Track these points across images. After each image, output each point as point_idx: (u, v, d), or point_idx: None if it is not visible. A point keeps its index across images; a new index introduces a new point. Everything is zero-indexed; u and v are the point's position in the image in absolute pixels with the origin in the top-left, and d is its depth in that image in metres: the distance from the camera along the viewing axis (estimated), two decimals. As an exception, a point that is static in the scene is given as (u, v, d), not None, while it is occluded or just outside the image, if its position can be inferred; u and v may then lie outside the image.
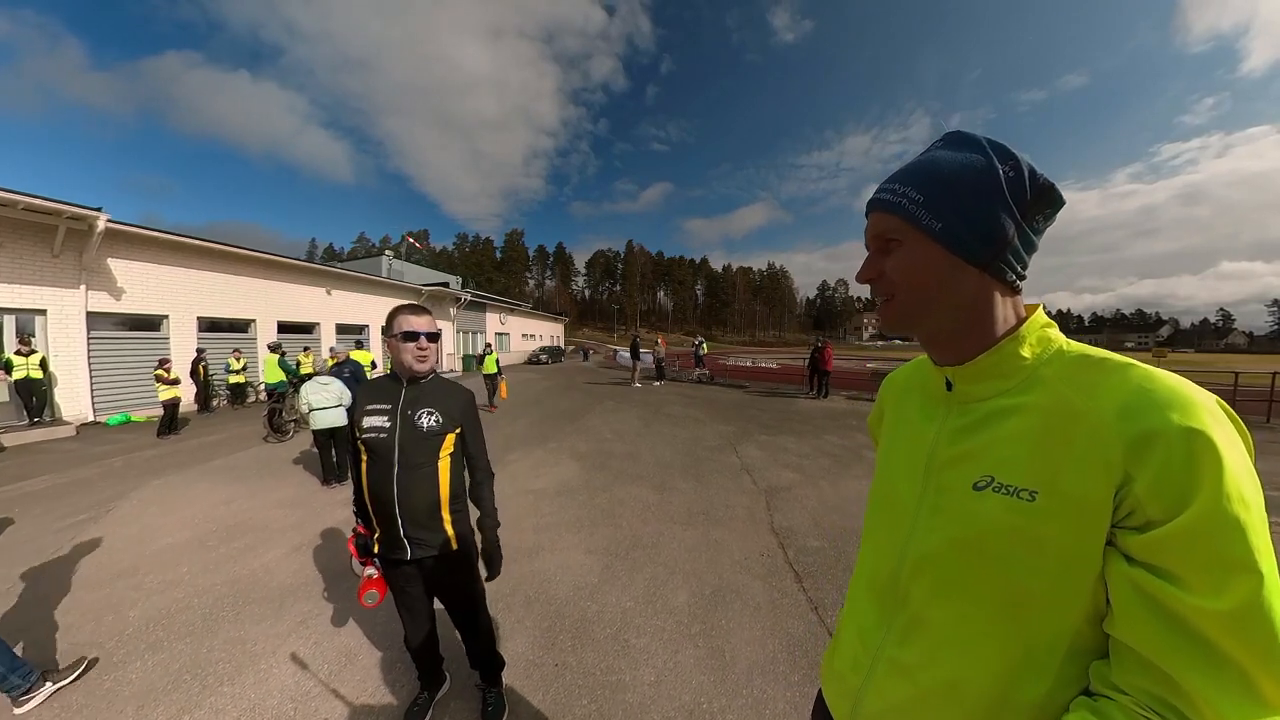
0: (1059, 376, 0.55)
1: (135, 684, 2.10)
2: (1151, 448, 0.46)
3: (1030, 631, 0.53)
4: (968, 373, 0.61)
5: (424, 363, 1.62)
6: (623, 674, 2.16)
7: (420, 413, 1.62)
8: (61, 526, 3.92)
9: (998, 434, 0.57)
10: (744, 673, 2.17)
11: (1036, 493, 0.52)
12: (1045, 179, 0.56)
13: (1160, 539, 0.45)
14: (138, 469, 5.74)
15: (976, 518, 0.56)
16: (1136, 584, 0.47)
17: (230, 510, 4.28)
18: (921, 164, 0.59)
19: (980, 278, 0.57)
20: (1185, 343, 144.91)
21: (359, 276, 16.84)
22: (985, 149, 0.56)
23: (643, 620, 2.56)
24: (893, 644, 0.64)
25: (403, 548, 1.63)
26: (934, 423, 0.66)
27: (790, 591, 2.86)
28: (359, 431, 1.62)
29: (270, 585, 2.95)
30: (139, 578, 3.05)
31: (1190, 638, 0.44)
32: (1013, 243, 0.56)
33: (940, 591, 0.59)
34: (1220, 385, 10.95)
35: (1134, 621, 0.47)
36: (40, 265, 8.31)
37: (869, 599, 0.71)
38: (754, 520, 3.99)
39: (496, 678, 1.95)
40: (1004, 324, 0.59)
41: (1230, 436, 0.46)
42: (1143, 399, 0.48)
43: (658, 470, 5.50)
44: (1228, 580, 0.43)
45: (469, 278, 67.51)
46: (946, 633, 0.58)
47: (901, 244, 0.59)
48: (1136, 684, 0.47)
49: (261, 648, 2.35)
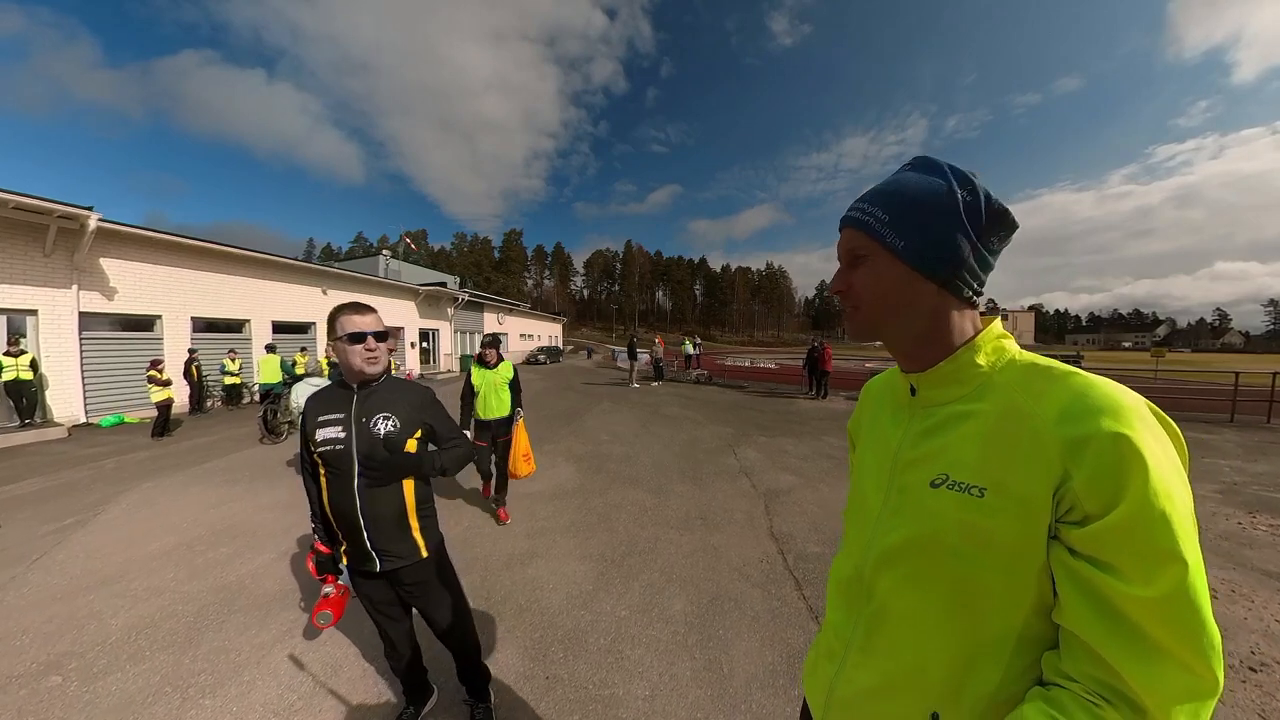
0: (1010, 383, 0.60)
1: (114, 696, 2.04)
2: (1085, 449, 0.50)
3: (983, 622, 0.57)
4: (929, 379, 0.65)
5: (375, 365, 1.54)
6: (616, 687, 2.10)
7: (376, 419, 1.53)
8: (48, 531, 3.85)
9: (953, 436, 0.61)
10: (743, 686, 2.11)
11: (985, 489, 0.56)
12: (1000, 204, 0.60)
13: (1097, 532, 0.49)
14: (129, 471, 5.67)
15: (932, 514, 0.60)
16: (1079, 575, 0.50)
17: (221, 514, 4.21)
18: (889, 186, 0.64)
19: (938, 292, 0.62)
20: (1182, 342, 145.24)
21: (355, 276, 16.77)
22: (947, 174, 0.61)
23: (638, 630, 2.50)
24: (860, 635, 0.69)
25: (371, 560, 1.56)
26: (900, 427, 0.70)
27: (790, 599, 2.80)
28: (313, 445, 1.54)
29: (257, 592, 2.88)
30: (124, 584, 2.99)
31: (1125, 624, 0.48)
32: (968, 261, 0.60)
33: (901, 585, 0.64)
34: (1221, 385, 10.94)
35: (1077, 610, 0.50)
36: (31, 265, 8.22)
37: (840, 596, 0.76)
38: (753, 525, 3.93)
39: (484, 692, 1.89)
40: (961, 335, 0.64)
41: (1158, 438, 0.51)
42: (1080, 404, 0.52)
43: (655, 473, 5.44)
44: (1158, 569, 0.47)
45: (467, 277, 67.41)
46: (907, 624, 0.63)
47: (868, 259, 0.64)
48: (1084, 671, 0.50)
49: (245, 658, 2.28)
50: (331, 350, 1.54)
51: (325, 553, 1.67)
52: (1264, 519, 4.04)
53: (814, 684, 0.78)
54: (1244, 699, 2.05)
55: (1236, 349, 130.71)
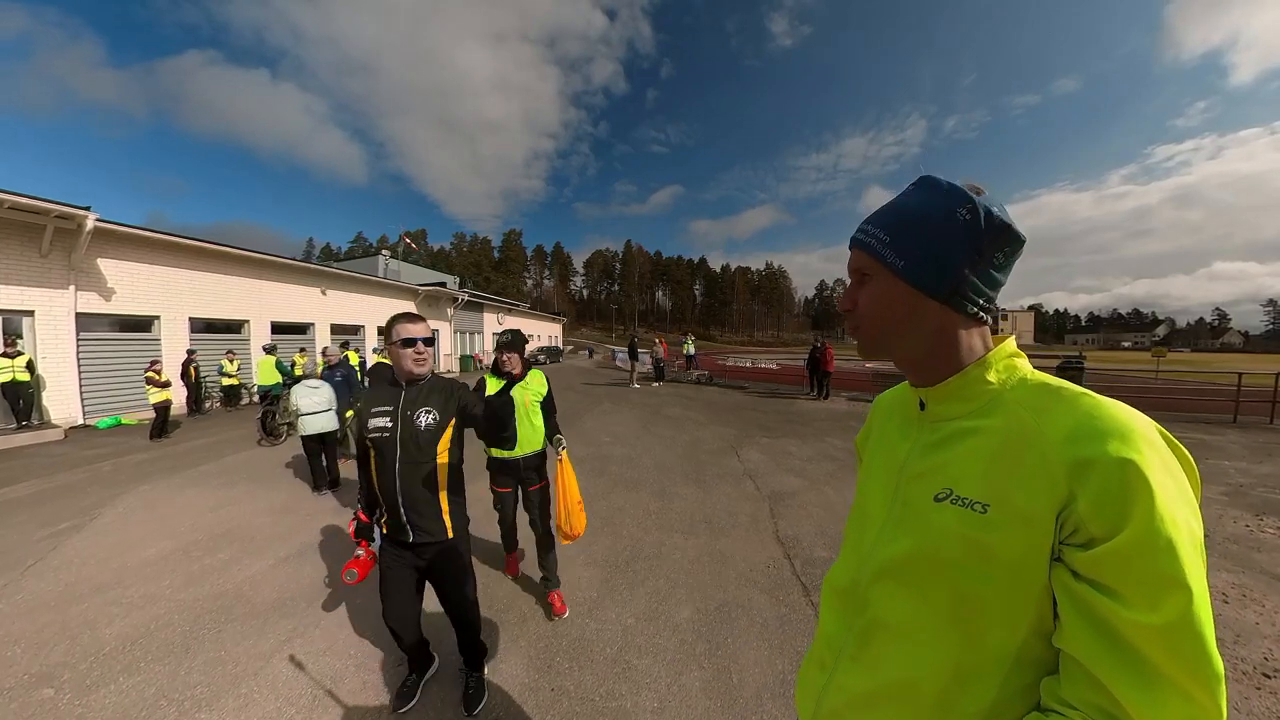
0: (1019, 402, 0.59)
1: (107, 710, 1.98)
2: (1091, 472, 0.49)
3: (979, 639, 0.56)
4: (937, 394, 0.65)
5: (422, 366, 1.82)
6: (624, 699, 2.05)
7: (419, 412, 1.81)
8: (43, 535, 3.79)
9: (959, 451, 0.61)
10: (753, 696, 2.06)
11: (989, 506, 0.55)
12: (1001, 220, 0.59)
13: (1101, 556, 0.48)
14: (126, 474, 5.61)
15: (934, 528, 0.60)
16: (1081, 598, 0.49)
17: (218, 518, 4.15)
18: (891, 207, 0.66)
19: (941, 310, 0.62)
20: (1181, 342, 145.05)
21: (355, 276, 16.68)
22: (945, 193, 0.61)
23: (644, 639, 2.45)
24: (853, 645, 0.68)
25: (405, 532, 1.81)
26: (908, 440, 0.70)
27: (798, 606, 2.75)
28: (365, 432, 1.82)
29: (255, 600, 2.83)
30: (119, 591, 2.93)
31: (1127, 651, 0.47)
32: (970, 278, 0.60)
33: (897, 596, 0.63)
34: (1222, 386, 10.91)
35: (1079, 635, 0.49)
36: (28, 265, 8.15)
37: (833, 604, 0.75)
38: (758, 528, 3.88)
39: (480, 663, 2.08)
40: (970, 352, 0.63)
41: (1166, 463, 0.50)
42: (1087, 426, 0.52)
43: (658, 475, 5.39)
44: (1162, 596, 0.46)
45: (466, 277, 67.27)
46: (901, 636, 0.62)
47: (871, 278, 0.66)
48: (1084, 698, 0.49)
49: (243, 669, 2.23)
50: (385, 353, 1.82)
51: (365, 521, 1.95)
52: (1271, 521, 3.99)
53: (804, 693, 0.77)
54: (1259, 707, 2.00)
55: (1236, 349, 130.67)
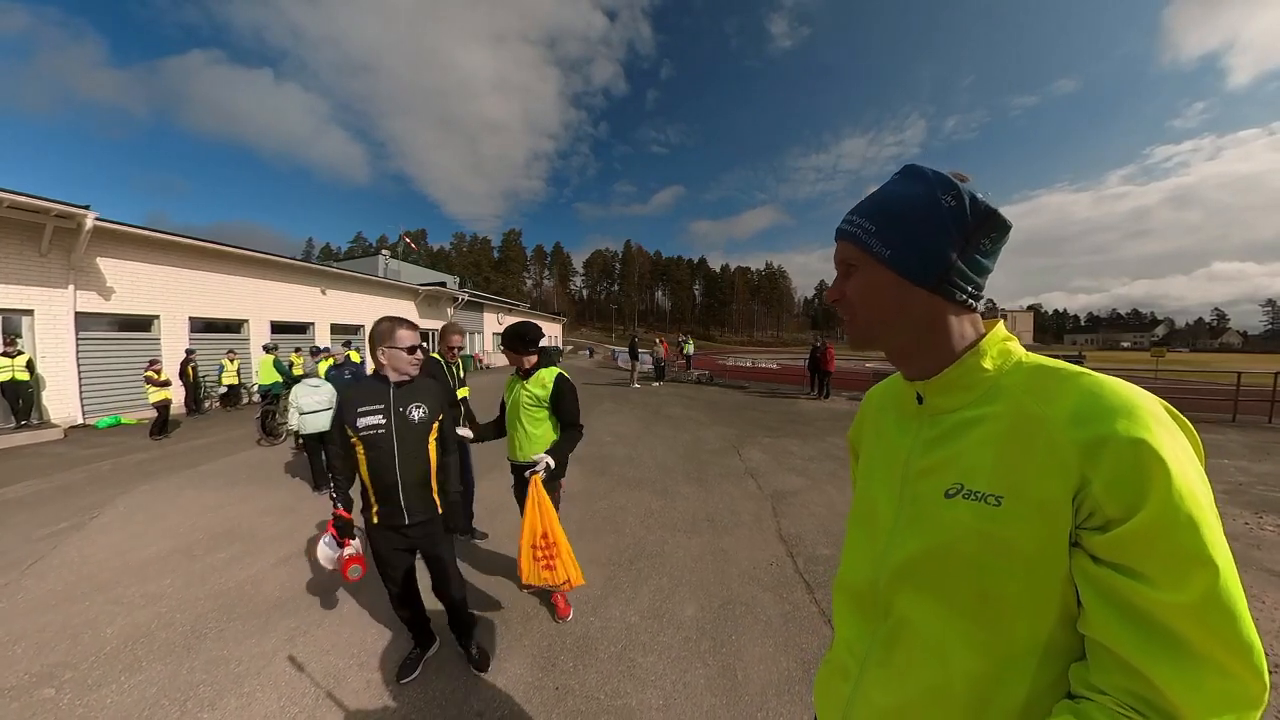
0: (1018, 386, 0.58)
1: (109, 710, 1.97)
2: (1102, 452, 0.48)
3: (1007, 635, 0.54)
4: (935, 386, 0.64)
5: (415, 368, 1.97)
6: (629, 697, 2.04)
7: (410, 408, 1.94)
8: (43, 535, 3.78)
9: (965, 443, 0.60)
10: (758, 693, 2.06)
11: (1002, 497, 0.54)
12: (986, 206, 0.59)
13: (1121, 537, 0.47)
14: (126, 473, 5.59)
15: (948, 525, 0.58)
16: (1104, 582, 0.48)
17: (219, 517, 4.14)
18: (876, 197, 0.65)
19: (929, 298, 0.61)
20: (1180, 342, 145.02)
21: (354, 276, 16.66)
22: (930, 181, 0.61)
23: (649, 637, 2.44)
24: (878, 652, 0.65)
25: (402, 515, 1.93)
26: (908, 436, 0.68)
27: (802, 603, 2.74)
28: (354, 430, 1.87)
29: (256, 599, 2.82)
30: (119, 590, 2.92)
31: (1158, 631, 0.45)
32: (957, 265, 0.60)
33: (919, 600, 0.61)
34: (1221, 385, 10.91)
35: (1105, 619, 0.48)
36: (27, 264, 8.13)
37: (851, 610, 0.72)
38: (761, 527, 3.87)
39: (472, 633, 2.23)
40: (961, 339, 0.63)
41: (1175, 438, 0.49)
42: (1092, 405, 0.51)
43: (659, 474, 5.38)
44: (1188, 573, 0.45)
45: (466, 277, 67.21)
46: (927, 640, 0.60)
47: (858, 269, 0.65)
48: (1115, 683, 0.48)
49: (245, 668, 2.22)
50: (383, 354, 1.90)
51: (345, 517, 1.99)
52: (1271, 519, 3.99)
53: (827, 703, 0.74)
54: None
55: (1235, 349, 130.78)
